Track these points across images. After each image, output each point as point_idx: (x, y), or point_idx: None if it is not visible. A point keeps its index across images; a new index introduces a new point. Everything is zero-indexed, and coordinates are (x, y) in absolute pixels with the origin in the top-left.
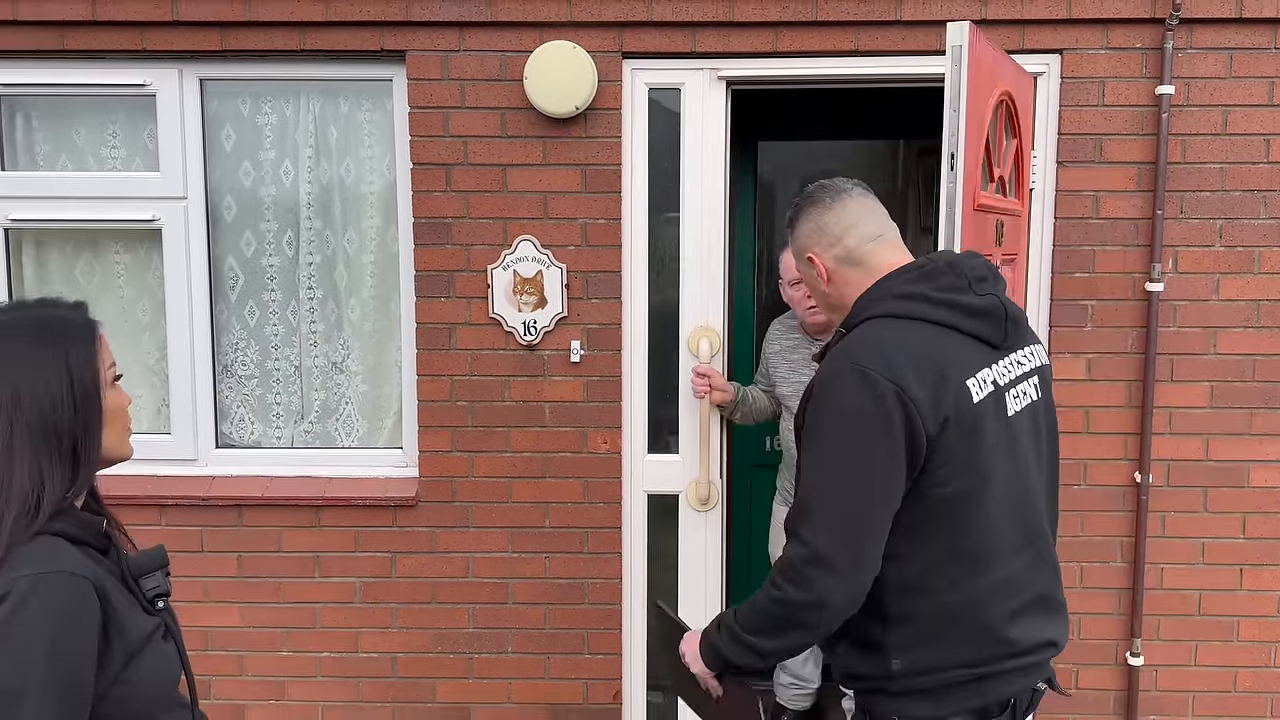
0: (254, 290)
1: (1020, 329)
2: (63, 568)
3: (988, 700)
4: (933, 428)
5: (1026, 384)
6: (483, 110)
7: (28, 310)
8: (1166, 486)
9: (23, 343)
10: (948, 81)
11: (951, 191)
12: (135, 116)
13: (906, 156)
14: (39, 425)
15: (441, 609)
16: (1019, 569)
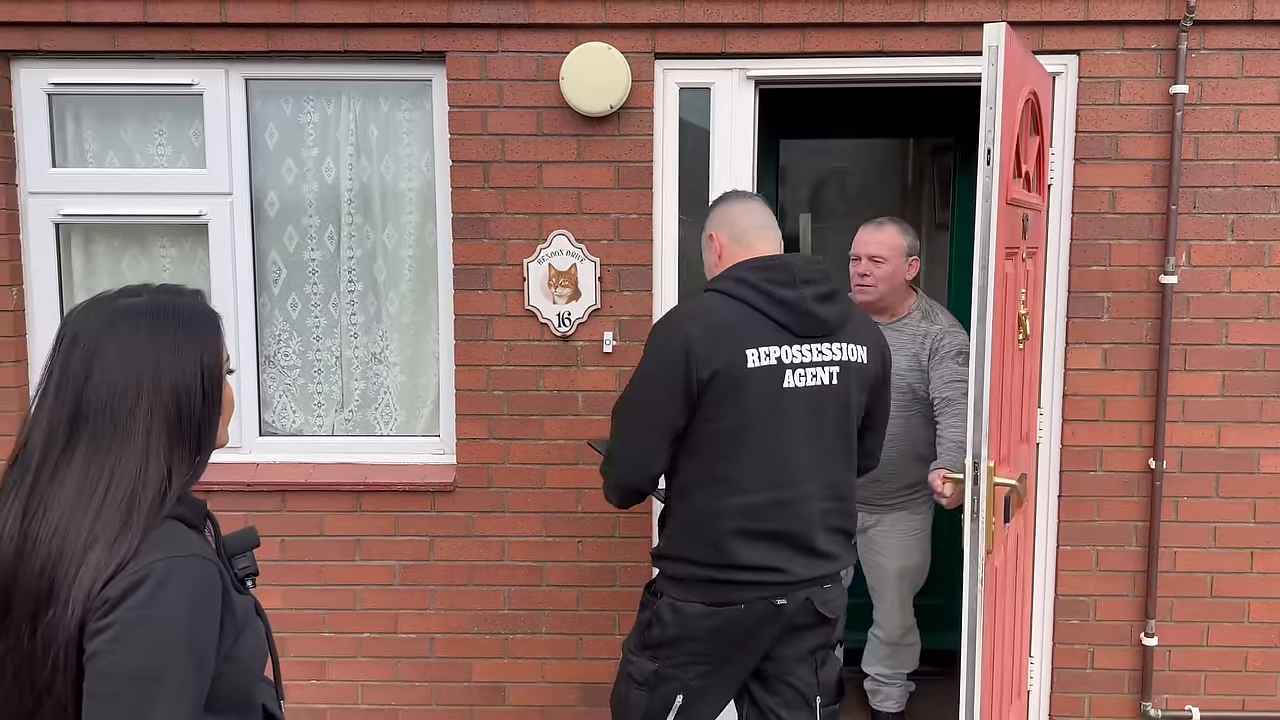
0: (296, 283)
1: (829, 326)
2: (194, 551)
3: (722, 598)
4: (704, 375)
5: (819, 370)
6: (520, 109)
7: (161, 296)
8: (1179, 472)
9: (164, 330)
10: (985, 81)
11: (989, 186)
12: (181, 115)
13: (919, 155)
14: (174, 412)
15: (478, 591)
16: (758, 504)
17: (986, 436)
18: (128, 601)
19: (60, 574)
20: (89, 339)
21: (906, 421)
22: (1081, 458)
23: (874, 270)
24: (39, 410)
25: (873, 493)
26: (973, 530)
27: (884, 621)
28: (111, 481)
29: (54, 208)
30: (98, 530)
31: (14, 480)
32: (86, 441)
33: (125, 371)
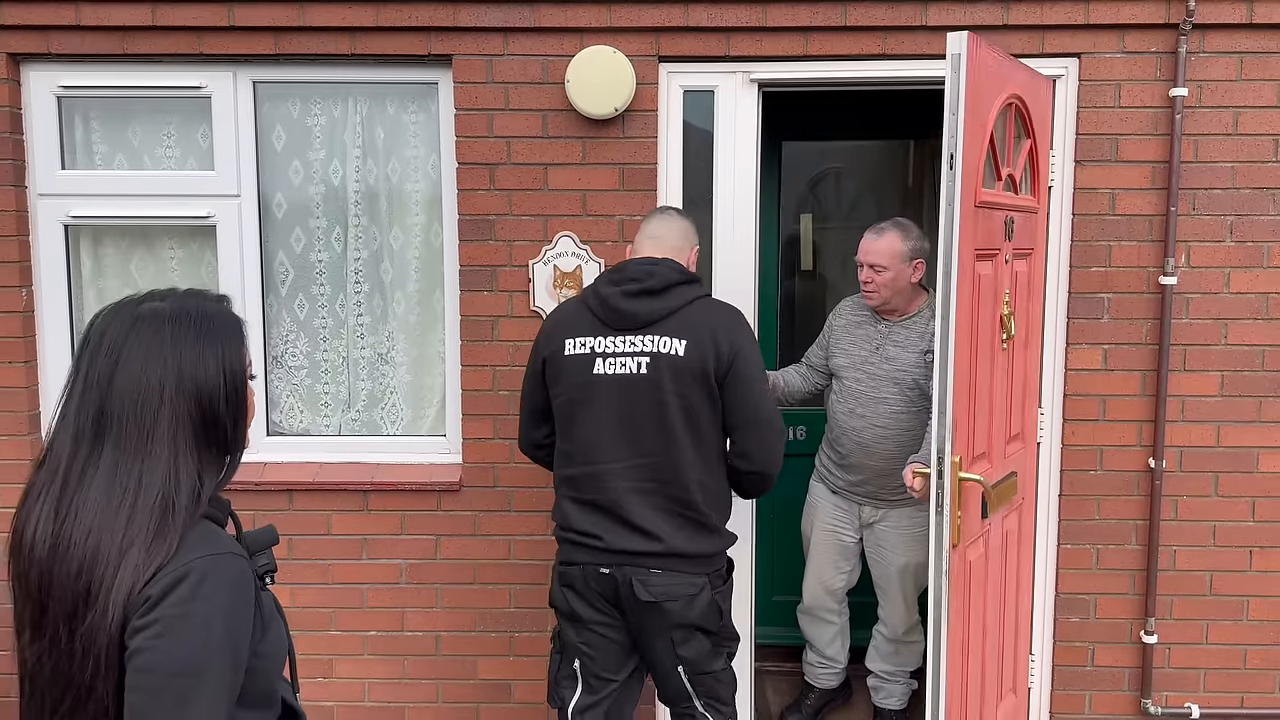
0: (303, 284)
1: (638, 320)
2: (229, 549)
3: (568, 557)
4: (540, 360)
5: (628, 360)
6: (525, 112)
7: (184, 301)
8: (1179, 472)
9: (185, 335)
10: (948, 87)
11: (951, 189)
12: (189, 118)
13: (919, 156)
14: (198, 417)
15: (484, 589)
16: (579, 475)
17: (949, 432)
18: (169, 599)
19: (97, 576)
20: (112, 343)
21: (911, 418)
22: (1082, 457)
23: (875, 278)
24: (64, 412)
25: (878, 487)
26: (937, 523)
27: (887, 618)
28: (140, 485)
29: (63, 210)
30: (133, 533)
31: (44, 481)
32: (112, 445)
33: (148, 375)
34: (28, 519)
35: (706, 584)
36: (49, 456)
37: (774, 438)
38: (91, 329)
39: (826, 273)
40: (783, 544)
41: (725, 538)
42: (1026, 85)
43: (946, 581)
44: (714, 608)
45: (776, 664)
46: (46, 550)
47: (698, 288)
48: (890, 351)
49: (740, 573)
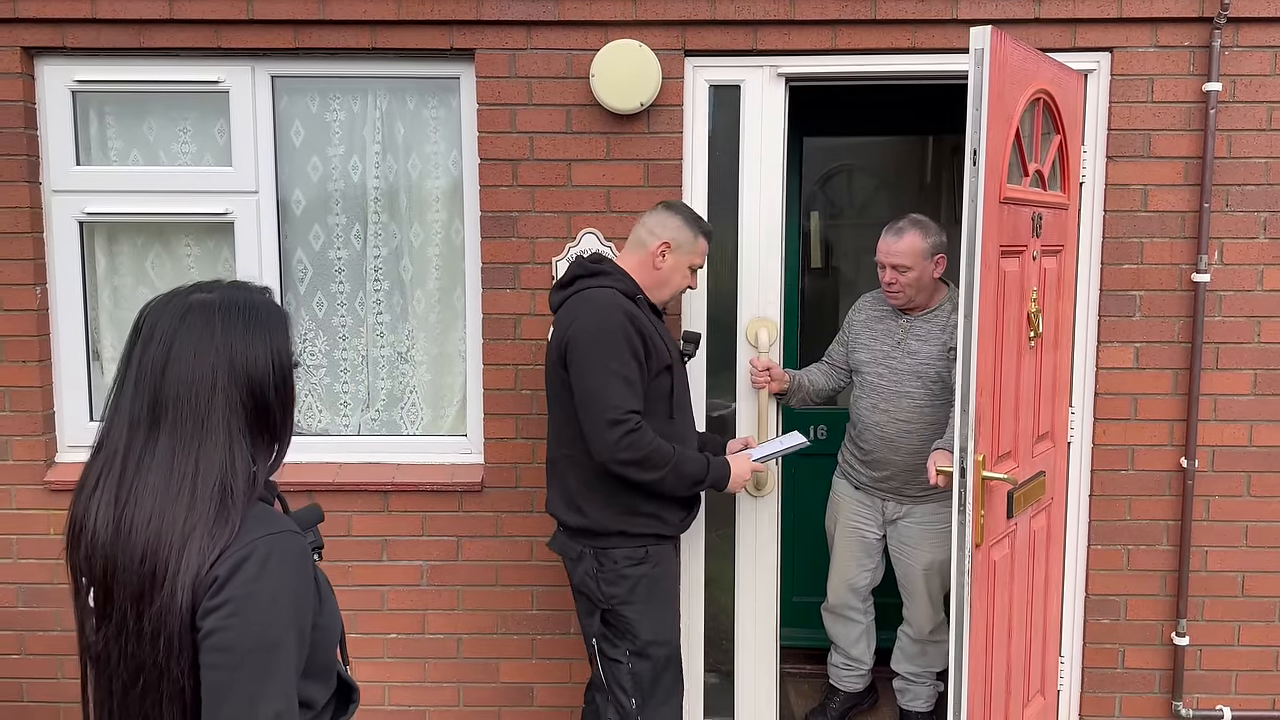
0: (322, 282)
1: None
2: (287, 528)
3: None
4: None
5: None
6: (549, 107)
7: (231, 292)
8: (1211, 471)
9: (235, 324)
10: (971, 82)
11: (974, 185)
12: (206, 112)
13: (937, 152)
14: (251, 404)
15: (505, 591)
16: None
17: (972, 430)
18: (237, 578)
19: (162, 560)
20: (164, 333)
21: (936, 411)
22: (1113, 457)
23: (899, 278)
24: (118, 401)
25: (902, 483)
26: (960, 522)
27: (912, 618)
28: (198, 470)
29: (78, 206)
30: (194, 517)
31: (101, 468)
32: (168, 432)
33: (200, 364)
34: (88, 506)
35: (590, 554)
36: (105, 444)
37: (599, 428)
38: (142, 320)
39: (841, 270)
40: (804, 545)
41: (594, 519)
42: (1055, 80)
43: (969, 581)
44: (593, 578)
45: (797, 666)
46: (110, 536)
47: (590, 280)
48: (913, 345)
49: (765, 576)
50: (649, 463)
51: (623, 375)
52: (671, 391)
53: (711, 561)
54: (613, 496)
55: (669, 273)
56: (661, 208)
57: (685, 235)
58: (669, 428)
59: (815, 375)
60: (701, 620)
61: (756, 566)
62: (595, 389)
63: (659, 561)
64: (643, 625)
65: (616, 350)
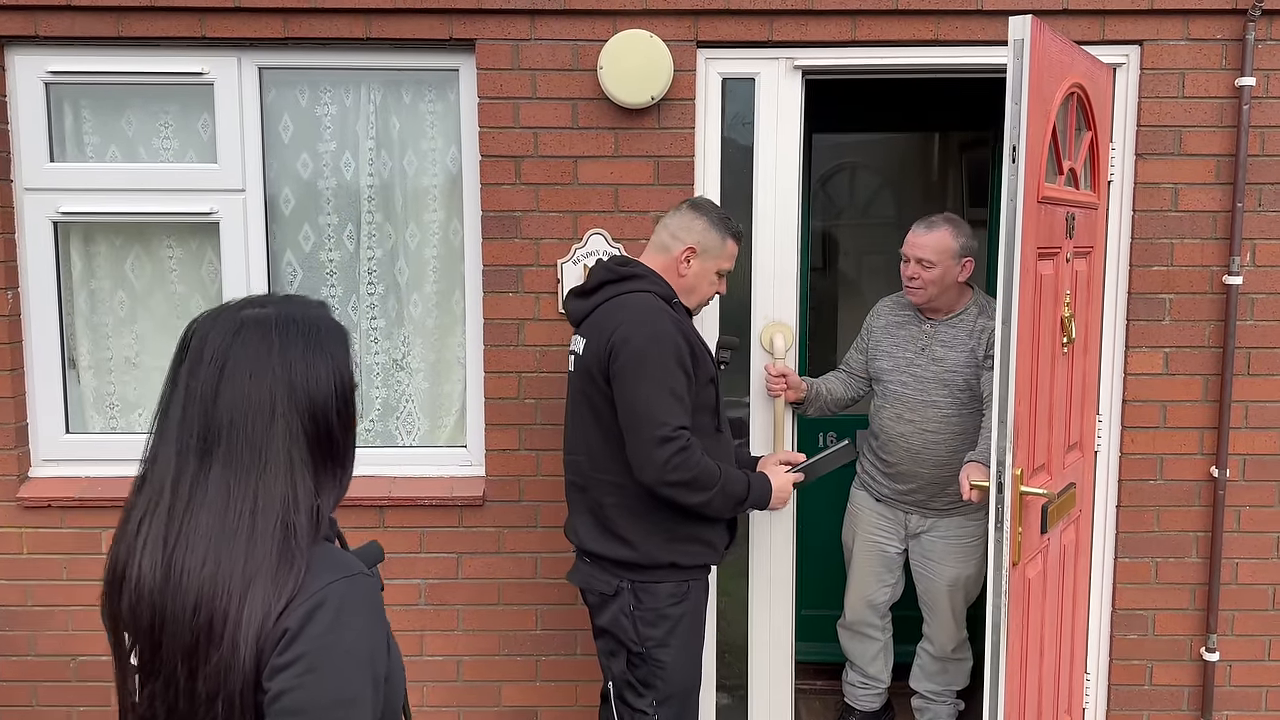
0: (313, 285)
1: (575, 319)
2: (358, 569)
3: None
4: None
5: (573, 358)
6: (554, 101)
7: (288, 307)
8: (1242, 481)
9: (294, 343)
10: (1010, 75)
11: (1013, 184)
12: (189, 106)
13: (945, 149)
14: (313, 430)
15: (508, 610)
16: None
17: (1011, 444)
18: (310, 630)
19: (219, 610)
20: (215, 352)
21: (964, 420)
22: (1141, 466)
23: (922, 274)
24: (163, 428)
25: (929, 495)
26: (997, 539)
27: (934, 635)
28: (258, 506)
29: (52, 205)
30: (255, 562)
31: (146, 504)
32: (222, 463)
33: (257, 387)
34: (132, 549)
35: (628, 590)
36: (149, 478)
37: (646, 446)
38: (190, 338)
39: (843, 271)
40: (814, 555)
41: (642, 551)
42: (1088, 74)
43: (1006, 602)
44: (628, 618)
45: (808, 682)
46: (158, 582)
47: (623, 285)
48: (938, 352)
49: (781, 585)
50: (698, 484)
51: (671, 389)
52: (717, 403)
53: (723, 577)
54: (660, 524)
55: (695, 280)
56: (686, 207)
57: (712, 238)
58: (716, 443)
59: (833, 383)
60: (714, 639)
61: (771, 583)
62: (643, 404)
63: (698, 596)
64: (675, 671)
65: (664, 361)
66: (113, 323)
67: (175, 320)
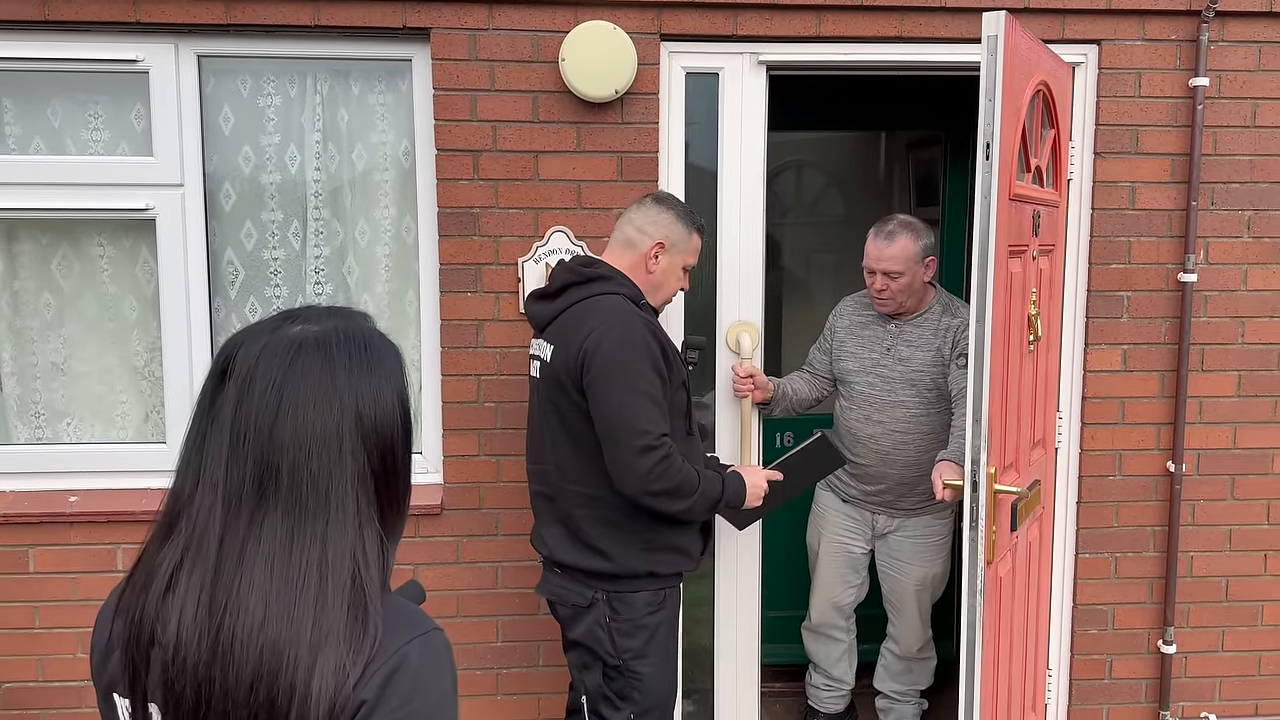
0: (256, 285)
1: (539, 324)
2: (431, 625)
3: None
4: None
5: (534, 362)
6: (513, 93)
7: (343, 323)
8: (1196, 475)
9: (357, 367)
10: (983, 71)
11: (988, 181)
12: (120, 96)
13: (891, 149)
14: (381, 467)
15: (468, 623)
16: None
17: (985, 442)
18: (389, 699)
19: (284, 685)
20: (269, 379)
21: (932, 420)
22: (1100, 462)
23: (890, 285)
24: (204, 469)
25: (898, 495)
26: (972, 539)
27: (900, 635)
28: (327, 559)
29: None
30: (326, 622)
31: (180, 562)
32: (283, 509)
33: (322, 419)
34: (163, 610)
35: (603, 601)
36: (185, 527)
37: (628, 456)
38: (231, 362)
39: (790, 269)
40: (775, 557)
41: (618, 561)
42: (1052, 72)
43: (981, 601)
44: (604, 629)
45: (769, 684)
46: (205, 652)
47: (589, 287)
48: (904, 352)
49: (747, 587)
50: (681, 491)
51: (648, 394)
52: (688, 406)
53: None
54: (636, 534)
55: (663, 276)
56: (651, 201)
57: (679, 232)
58: (690, 446)
59: (798, 384)
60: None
61: (738, 587)
62: (622, 412)
63: (674, 604)
64: (653, 682)
65: (639, 366)
66: (38, 326)
67: (107, 323)
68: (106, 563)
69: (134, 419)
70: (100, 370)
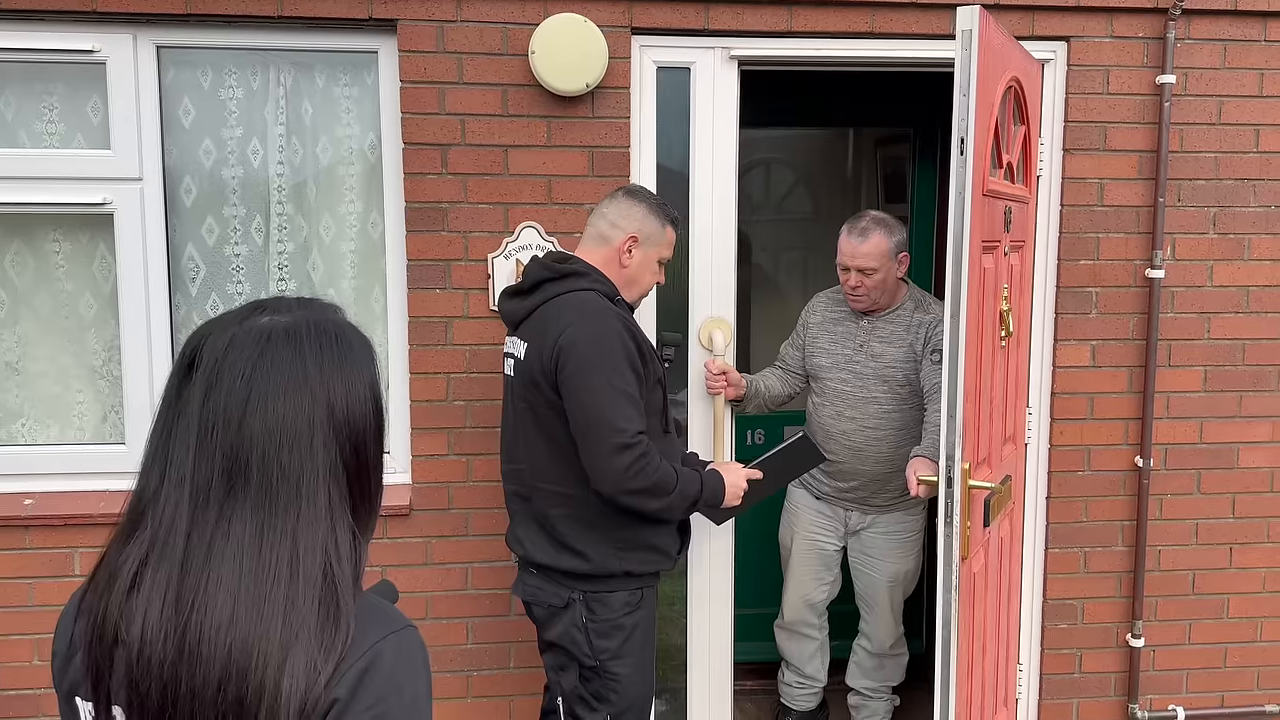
0: (218, 282)
1: (513, 321)
2: (405, 621)
3: None
4: None
5: (508, 360)
6: (482, 86)
7: (314, 313)
8: (1164, 470)
9: (329, 358)
10: (957, 66)
11: (961, 176)
12: (77, 87)
13: (859, 146)
14: (354, 461)
15: (438, 625)
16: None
17: (960, 438)
18: (362, 699)
19: (253, 685)
20: (238, 370)
21: (905, 415)
22: (1069, 458)
23: (865, 282)
24: (170, 462)
25: (871, 492)
26: (947, 535)
27: (872, 632)
28: (298, 555)
29: None
30: (297, 620)
31: (145, 559)
32: (252, 504)
33: (294, 411)
34: (127, 609)
35: (579, 601)
36: (150, 524)
37: (604, 454)
38: (196, 352)
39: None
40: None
41: (595, 561)
42: (1023, 68)
43: (957, 597)
44: (581, 630)
45: (739, 682)
46: (170, 650)
47: (563, 284)
48: (876, 348)
49: (720, 585)
50: (659, 489)
51: (624, 392)
52: (664, 404)
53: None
54: (612, 533)
55: (637, 270)
56: (623, 195)
57: (652, 225)
58: (667, 443)
59: (771, 380)
60: None
61: (710, 585)
62: (598, 410)
63: (650, 604)
64: (631, 682)
65: (615, 364)
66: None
67: (62, 321)
68: (64, 567)
69: (92, 419)
70: (56, 369)
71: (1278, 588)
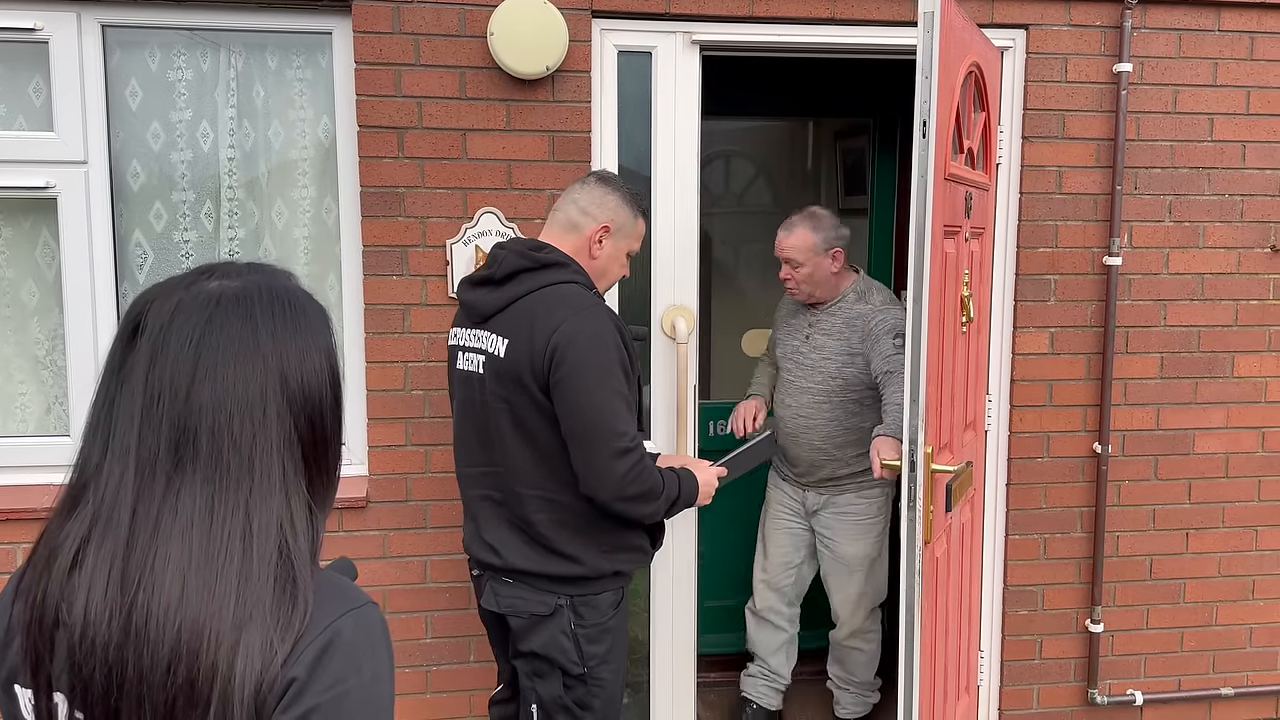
0: (166, 269)
1: (480, 314)
2: (364, 598)
3: None
4: None
5: (474, 355)
6: (439, 69)
7: (266, 279)
8: (1121, 456)
9: (282, 325)
10: (920, 48)
11: (924, 160)
12: (17, 67)
13: (819, 137)
14: (309, 432)
15: (396, 620)
16: (469, 474)
17: (923, 422)
18: (321, 677)
19: (205, 665)
20: (184, 336)
21: (832, 408)
22: (1029, 445)
23: (793, 274)
24: (114, 434)
25: (816, 477)
26: (909, 519)
27: (835, 618)
28: (251, 530)
29: None
30: (251, 597)
31: (88, 536)
32: (202, 477)
33: (244, 380)
34: (68, 589)
35: (566, 608)
36: (92, 499)
37: (604, 459)
38: (142, 319)
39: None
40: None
41: (588, 564)
42: (983, 54)
43: (919, 581)
44: (569, 637)
45: (702, 674)
46: (116, 631)
47: (543, 275)
48: (818, 340)
49: (683, 577)
50: (652, 494)
51: (622, 394)
52: (639, 402)
53: None
54: (599, 536)
55: (607, 262)
56: (595, 181)
57: (625, 216)
58: None
59: (768, 375)
60: None
61: (673, 578)
62: (599, 413)
63: (625, 602)
64: (612, 686)
65: (611, 365)
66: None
67: (4, 309)
68: (6, 563)
69: (35, 411)
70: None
71: (1233, 572)
